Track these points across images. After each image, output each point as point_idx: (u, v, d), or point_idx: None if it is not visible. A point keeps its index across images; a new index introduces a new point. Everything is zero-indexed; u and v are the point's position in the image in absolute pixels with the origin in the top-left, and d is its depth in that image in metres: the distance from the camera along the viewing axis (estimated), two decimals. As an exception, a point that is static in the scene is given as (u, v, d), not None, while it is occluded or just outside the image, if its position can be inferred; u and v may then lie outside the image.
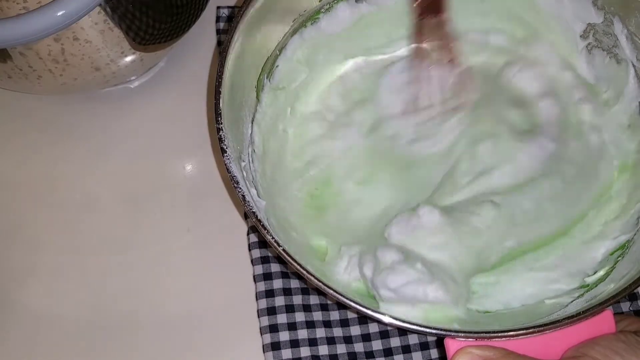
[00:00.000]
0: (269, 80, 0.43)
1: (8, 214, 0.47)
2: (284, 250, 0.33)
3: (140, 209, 0.47)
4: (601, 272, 0.39)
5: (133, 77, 0.50)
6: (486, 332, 0.32)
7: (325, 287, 0.32)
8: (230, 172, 0.35)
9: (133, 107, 0.50)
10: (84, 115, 0.50)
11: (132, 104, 0.50)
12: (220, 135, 0.36)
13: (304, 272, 0.33)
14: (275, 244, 0.33)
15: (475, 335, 0.32)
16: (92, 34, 0.39)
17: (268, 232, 0.34)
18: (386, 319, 0.32)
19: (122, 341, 0.43)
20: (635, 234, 0.39)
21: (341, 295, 0.32)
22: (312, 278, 0.33)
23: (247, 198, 0.35)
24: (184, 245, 0.46)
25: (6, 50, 0.38)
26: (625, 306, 0.43)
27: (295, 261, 0.33)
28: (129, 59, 0.43)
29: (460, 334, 0.32)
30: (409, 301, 0.36)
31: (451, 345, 0.33)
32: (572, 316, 0.32)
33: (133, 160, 0.48)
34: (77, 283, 0.45)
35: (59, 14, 0.33)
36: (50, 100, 0.50)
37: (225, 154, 0.36)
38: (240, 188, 0.35)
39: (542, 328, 0.32)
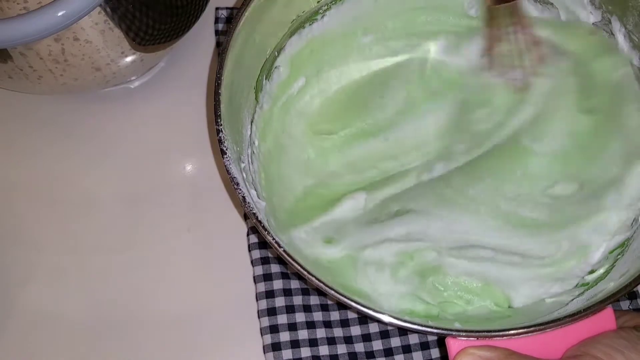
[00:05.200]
0: (268, 81, 0.43)
1: (8, 214, 0.47)
2: (284, 251, 0.33)
3: (140, 209, 0.47)
4: (601, 271, 0.39)
5: (133, 77, 0.50)
6: (487, 331, 0.32)
7: (326, 287, 0.32)
8: (230, 174, 0.35)
9: (133, 107, 0.50)
10: (84, 115, 0.50)
11: (132, 104, 0.50)
12: (220, 137, 0.36)
13: (305, 272, 0.33)
14: (275, 245, 0.33)
15: (477, 334, 0.32)
16: (93, 34, 0.39)
17: (268, 232, 0.33)
18: (386, 319, 0.32)
19: (121, 341, 0.43)
20: (634, 232, 0.39)
21: (342, 295, 0.32)
22: (313, 278, 0.32)
23: (247, 199, 0.35)
24: (184, 245, 0.46)
25: (7, 51, 0.38)
26: (625, 305, 0.43)
27: (296, 262, 0.33)
28: (129, 59, 0.43)
29: (461, 333, 0.32)
30: None
31: (453, 344, 0.33)
32: (573, 314, 0.32)
33: (133, 160, 0.48)
34: (77, 283, 0.45)
35: (59, 14, 0.33)
36: (50, 100, 0.50)
37: (225, 156, 0.36)
38: (241, 189, 0.35)
39: (542, 326, 0.32)
